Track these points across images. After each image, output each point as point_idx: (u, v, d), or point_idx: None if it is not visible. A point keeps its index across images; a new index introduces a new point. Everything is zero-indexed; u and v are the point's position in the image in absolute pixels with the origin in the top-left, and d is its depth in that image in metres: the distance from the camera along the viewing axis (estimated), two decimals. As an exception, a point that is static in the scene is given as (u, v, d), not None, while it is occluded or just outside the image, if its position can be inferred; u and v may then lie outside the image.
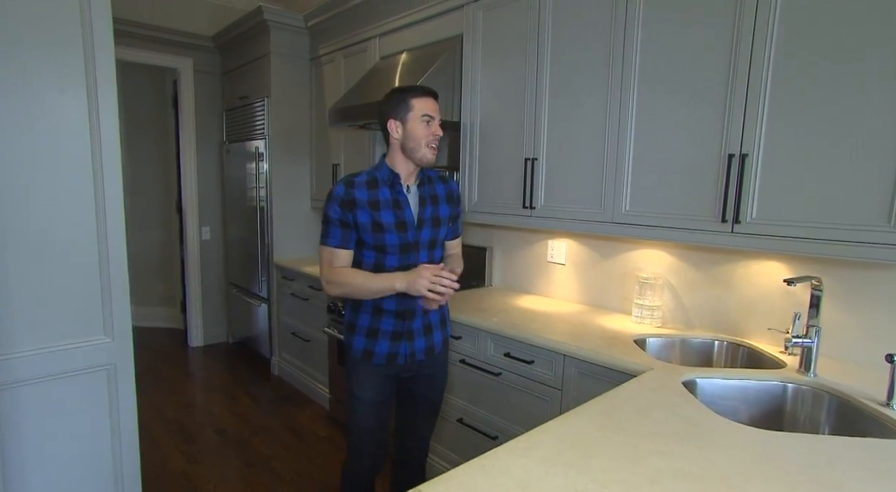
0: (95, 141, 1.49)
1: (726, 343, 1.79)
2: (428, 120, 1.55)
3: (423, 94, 1.56)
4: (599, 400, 1.21)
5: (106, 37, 1.49)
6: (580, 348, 1.67)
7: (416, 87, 1.58)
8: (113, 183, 1.53)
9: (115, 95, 1.53)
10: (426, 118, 1.55)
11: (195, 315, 4.21)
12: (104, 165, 1.51)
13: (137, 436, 1.66)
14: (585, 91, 1.90)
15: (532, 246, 2.51)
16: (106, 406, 1.55)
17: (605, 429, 1.06)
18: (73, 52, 1.44)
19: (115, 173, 1.53)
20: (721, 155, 1.55)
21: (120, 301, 1.56)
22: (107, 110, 1.50)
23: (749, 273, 1.78)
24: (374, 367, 1.63)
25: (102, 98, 1.49)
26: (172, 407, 3.09)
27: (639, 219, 1.79)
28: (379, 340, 1.61)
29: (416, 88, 1.57)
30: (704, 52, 1.57)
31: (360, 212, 1.53)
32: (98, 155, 1.50)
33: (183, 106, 3.94)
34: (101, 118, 1.50)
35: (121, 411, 1.57)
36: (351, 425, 1.69)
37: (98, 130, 1.49)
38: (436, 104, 1.58)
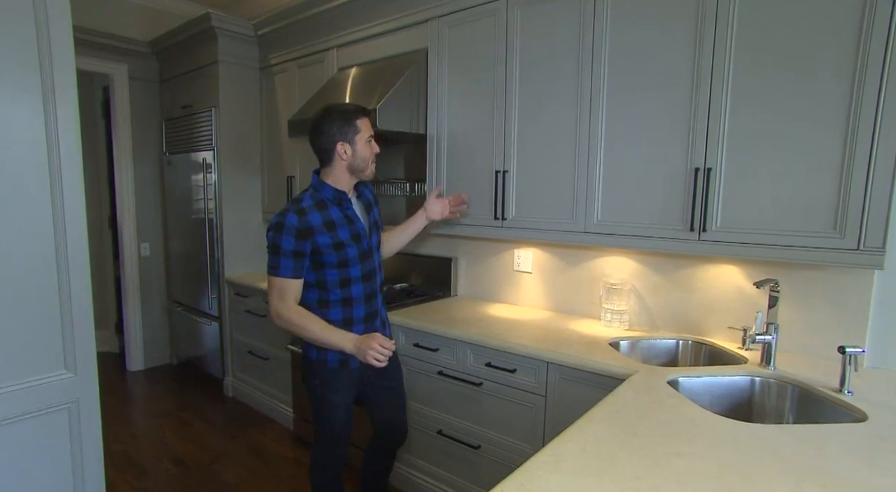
0: (53, 154, 1.38)
1: (690, 342, 1.93)
2: (370, 139, 1.67)
3: (364, 114, 1.66)
4: (602, 406, 1.26)
5: (64, 40, 1.37)
6: (565, 355, 1.74)
7: (357, 108, 1.66)
8: (74, 199, 1.41)
9: (76, 104, 1.41)
10: (369, 138, 1.67)
11: (134, 337, 3.93)
12: (63, 180, 1.40)
13: (103, 477, 1.53)
14: (555, 105, 1.99)
15: (498, 255, 2.57)
16: (67, 447, 1.41)
17: (619, 434, 1.11)
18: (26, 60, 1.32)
19: (76, 188, 1.42)
20: (687, 169, 1.68)
21: (83, 331, 1.44)
22: (66, 121, 1.39)
23: (708, 276, 1.94)
24: (351, 372, 1.71)
25: (61, 108, 1.38)
26: (117, 440, 2.86)
27: (610, 228, 1.89)
28: None
29: (358, 109, 1.65)
30: (668, 71, 1.70)
31: (319, 237, 1.58)
32: (57, 168, 1.38)
33: (117, 115, 3.68)
34: (59, 130, 1.38)
35: (85, 452, 1.44)
36: (325, 431, 1.75)
37: (56, 143, 1.38)
38: (370, 122, 1.70)
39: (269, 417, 3.13)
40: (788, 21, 1.47)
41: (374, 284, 1.76)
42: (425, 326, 2.13)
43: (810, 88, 1.45)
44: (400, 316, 2.24)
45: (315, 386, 1.74)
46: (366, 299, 1.71)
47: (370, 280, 1.74)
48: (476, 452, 2.03)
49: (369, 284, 1.74)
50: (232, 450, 2.74)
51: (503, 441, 1.95)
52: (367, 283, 1.72)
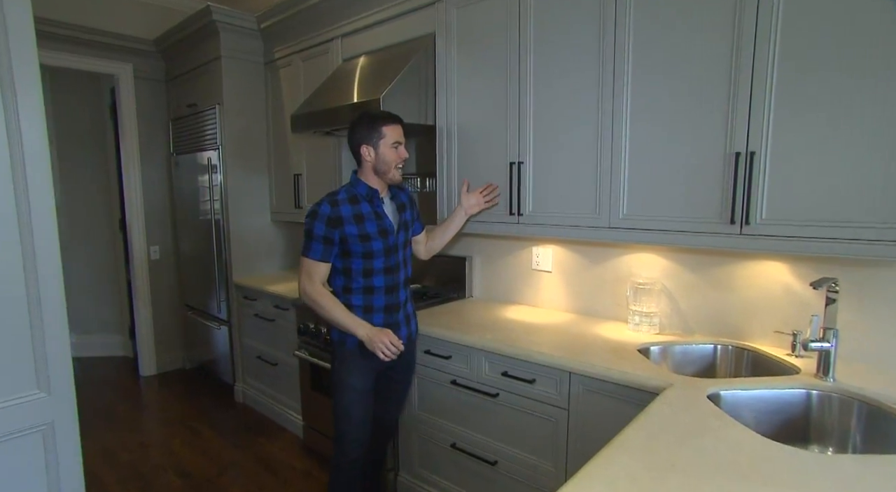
0: (16, 151, 1.24)
1: (731, 348, 1.73)
2: (397, 146, 1.76)
3: (392, 121, 1.77)
4: (634, 430, 1.09)
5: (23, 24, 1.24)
6: (589, 365, 1.56)
7: (386, 114, 1.79)
8: (42, 201, 1.28)
9: (40, 95, 1.28)
10: (396, 144, 1.76)
11: (145, 341, 3.86)
12: (29, 180, 1.26)
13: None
14: (574, 89, 1.80)
15: (515, 254, 2.40)
16: (43, 475, 1.28)
17: (655, 468, 0.94)
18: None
19: (43, 189, 1.28)
20: (726, 153, 1.48)
21: (57, 345, 1.30)
22: (30, 113, 1.26)
23: (749, 275, 1.73)
24: (369, 356, 1.78)
25: (23, 98, 1.25)
26: (126, 449, 2.78)
27: (638, 223, 1.70)
28: None
29: (387, 116, 1.77)
30: (704, 43, 1.50)
31: (347, 226, 1.72)
32: (20, 167, 1.25)
33: (123, 116, 3.61)
34: (21, 124, 1.25)
35: (63, 479, 1.31)
36: (343, 416, 1.81)
37: (19, 138, 1.24)
38: (401, 129, 1.79)
39: (279, 424, 3.01)
40: (846, -22, 1.26)
41: (396, 277, 1.82)
42: (437, 332, 1.98)
43: (867, 53, 1.24)
44: (410, 321, 2.09)
45: (335, 366, 1.85)
46: (386, 290, 1.80)
47: (392, 273, 1.80)
48: (493, 468, 1.87)
49: (391, 277, 1.80)
50: (240, 460, 2.63)
51: (522, 458, 1.78)
52: (388, 275, 1.79)
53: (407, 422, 2.16)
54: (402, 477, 2.23)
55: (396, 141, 1.75)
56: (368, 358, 1.78)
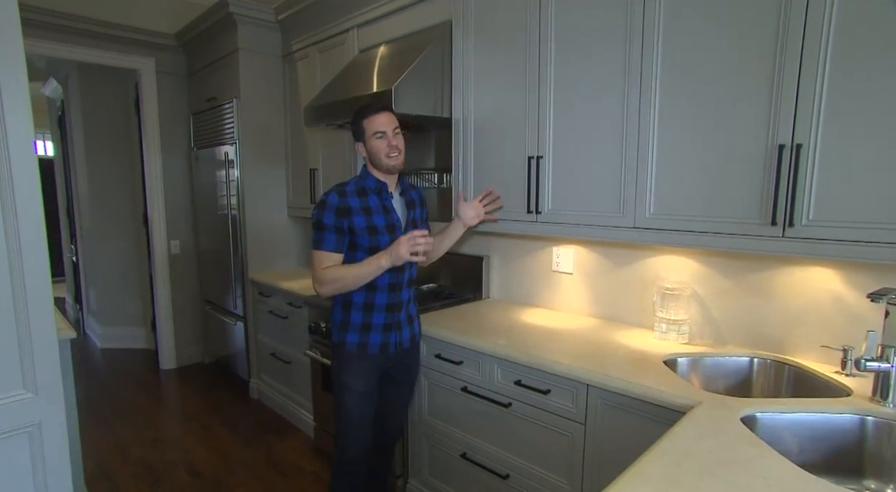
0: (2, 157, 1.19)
1: (770, 362, 1.57)
2: (380, 136, 1.68)
3: (370, 113, 1.69)
4: (655, 456, 0.96)
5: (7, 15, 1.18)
6: (608, 377, 1.43)
7: (365, 107, 1.72)
8: (28, 193, 1.22)
9: (24, 81, 1.22)
10: (378, 135, 1.68)
11: (166, 336, 3.88)
12: (14, 172, 1.20)
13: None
14: (598, 78, 1.66)
15: (534, 254, 2.27)
16: (29, 477, 1.24)
17: (676, 508, 0.81)
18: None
19: (29, 181, 1.23)
20: (768, 146, 1.32)
21: (45, 344, 1.25)
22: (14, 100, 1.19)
23: (792, 282, 1.56)
24: (368, 358, 1.74)
25: (6, 84, 1.18)
26: (139, 443, 2.77)
27: (666, 223, 1.55)
28: (372, 333, 1.74)
29: (365, 109, 1.71)
30: (744, 22, 1.34)
31: (355, 218, 1.67)
32: (4, 158, 1.19)
33: (145, 110, 3.62)
34: (6, 112, 1.19)
35: (49, 481, 1.26)
36: (343, 417, 1.77)
37: (3, 128, 1.19)
38: (387, 116, 1.70)
39: (291, 423, 2.96)
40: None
41: (400, 276, 1.76)
42: (447, 335, 1.87)
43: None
44: (422, 322, 1.99)
45: (335, 368, 1.80)
46: (389, 289, 1.74)
47: (397, 272, 1.74)
48: (505, 482, 1.75)
49: (395, 275, 1.74)
50: (250, 459, 2.59)
51: (535, 472, 1.66)
52: (392, 273, 1.72)
53: (417, 427, 2.06)
54: (411, 484, 2.14)
55: (377, 131, 1.67)
56: (368, 359, 1.74)
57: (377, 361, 1.76)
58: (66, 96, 4.31)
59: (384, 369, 1.80)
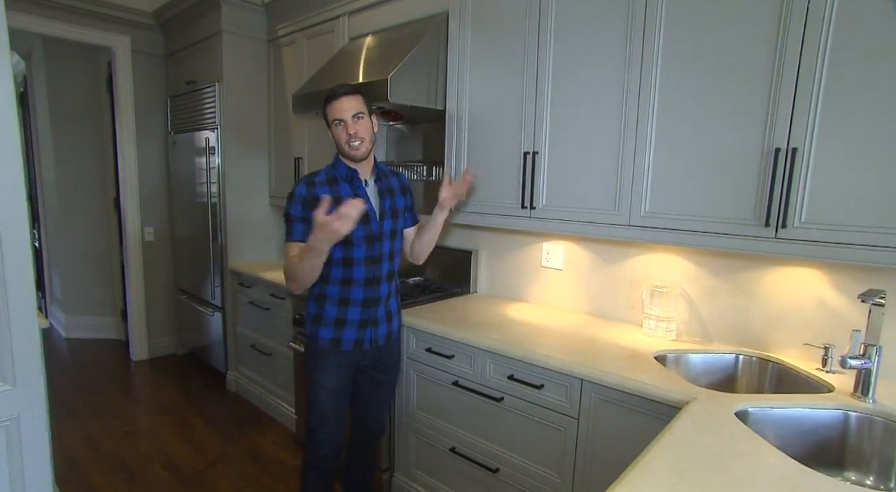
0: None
1: (754, 359, 1.62)
2: (338, 123, 1.61)
3: (330, 99, 1.61)
4: (660, 450, 0.98)
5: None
6: (602, 372, 1.45)
7: (328, 93, 1.62)
8: (8, 175, 1.16)
9: (6, 50, 1.16)
10: (336, 122, 1.61)
11: (137, 326, 3.76)
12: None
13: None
14: (596, 74, 1.67)
15: (524, 249, 2.28)
16: (5, 472, 1.18)
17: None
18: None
19: (10, 160, 1.17)
20: (764, 149, 1.36)
21: (24, 335, 1.19)
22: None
23: (778, 281, 1.61)
24: (342, 354, 1.69)
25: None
26: (111, 437, 2.68)
27: (660, 222, 1.58)
28: (346, 329, 1.68)
29: (327, 95, 1.62)
30: (745, 26, 1.37)
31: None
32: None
33: (119, 91, 3.47)
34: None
35: (27, 478, 1.20)
36: (314, 413, 1.72)
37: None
38: (350, 101, 1.59)
39: (271, 416, 2.92)
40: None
41: (377, 269, 1.69)
42: (439, 330, 1.87)
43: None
44: (411, 316, 1.98)
45: (307, 363, 1.75)
46: (366, 283, 1.68)
47: (374, 265, 1.68)
48: (494, 475, 1.76)
49: (372, 268, 1.68)
50: (229, 453, 2.54)
51: (526, 466, 1.68)
52: (369, 266, 1.67)
53: (404, 421, 2.05)
54: (396, 478, 2.14)
55: (335, 119, 1.60)
56: (341, 355, 1.69)
57: (351, 357, 1.70)
58: (28, 71, 4.09)
59: (359, 366, 1.75)
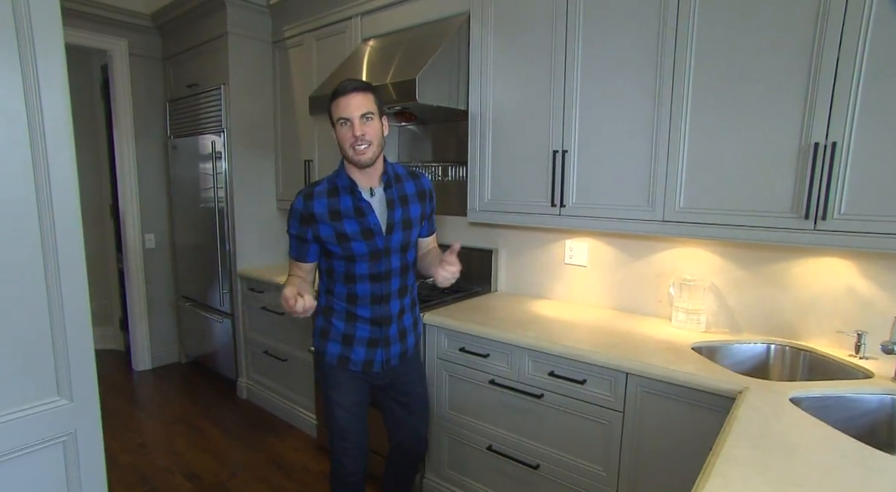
0: (36, 129, 1.09)
1: (787, 348, 1.67)
2: (343, 122, 1.46)
3: (336, 96, 1.46)
4: (734, 440, 1.00)
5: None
6: (648, 365, 1.48)
7: (335, 90, 1.47)
8: (65, 184, 1.13)
9: (63, 64, 1.12)
10: (341, 122, 1.46)
11: (140, 335, 3.68)
12: (50, 162, 1.11)
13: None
14: (628, 70, 1.70)
15: (546, 247, 2.30)
16: (63, 489, 1.15)
17: (782, 487, 0.85)
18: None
19: (66, 172, 1.14)
20: (802, 144, 1.40)
21: (80, 348, 1.17)
22: (52, 83, 1.10)
23: (807, 272, 1.66)
24: (351, 372, 1.61)
25: (44, 67, 1.08)
26: (126, 449, 2.62)
27: (696, 217, 1.61)
28: (355, 347, 1.58)
29: (333, 92, 1.47)
30: (781, 19, 1.40)
31: (320, 226, 1.50)
32: (41, 148, 1.09)
33: (117, 95, 3.39)
34: (42, 97, 1.09)
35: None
36: (336, 432, 1.64)
37: (39, 114, 1.08)
38: (358, 98, 1.44)
39: (289, 423, 2.89)
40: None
41: (386, 286, 1.56)
42: (472, 329, 1.87)
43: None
44: (440, 316, 1.98)
45: (317, 379, 1.72)
46: (373, 300, 1.55)
47: (381, 282, 1.55)
48: (535, 472, 1.78)
49: (379, 285, 1.55)
50: (251, 461, 2.50)
51: (569, 461, 1.69)
52: (375, 283, 1.55)
53: (435, 422, 2.05)
54: (428, 479, 2.14)
55: (341, 118, 1.44)
56: (351, 370, 1.60)
57: (363, 374, 1.61)
58: (18, 78, 3.97)
59: (375, 385, 1.66)
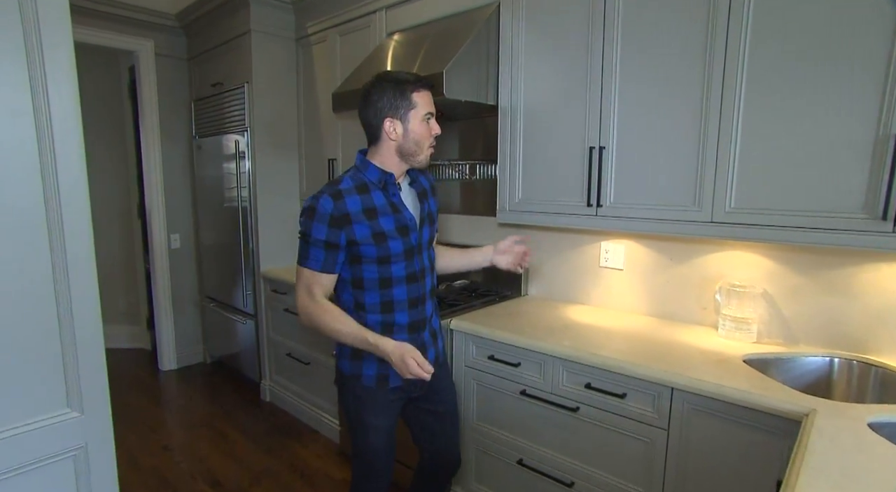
0: (44, 130, 1.03)
1: (854, 363, 1.51)
2: (429, 117, 1.39)
3: (423, 86, 1.37)
4: (810, 476, 0.87)
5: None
6: (697, 381, 1.35)
7: (414, 77, 1.37)
8: (74, 188, 1.08)
9: (72, 60, 1.07)
10: (428, 116, 1.38)
11: (166, 334, 3.68)
12: (59, 164, 1.05)
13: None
14: (673, 63, 1.57)
15: (580, 249, 2.18)
16: (73, 508, 1.09)
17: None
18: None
19: (76, 174, 1.08)
20: (879, 136, 1.24)
21: (91, 358, 1.10)
22: (60, 82, 1.05)
23: (879, 278, 1.50)
24: (390, 391, 1.48)
25: (52, 65, 1.03)
26: (149, 452, 2.60)
27: (748, 218, 1.47)
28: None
29: (416, 80, 1.37)
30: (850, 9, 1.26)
31: (357, 227, 1.35)
32: (49, 150, 1.04)
33: (143, 96, 3.39)
34: (50, 96, 1.04)
35: (99, 512, 1.12)
36: (363, 453, 1.52)
37: (47, 114, 1.03)
38: (432, 98, 1.41)
39: (312, 427, 2.83)
40: None
41: (422, 286, 1.49)
42: (502, 336, 1.77)
43: None
44: (468, 321, 1.88)
45: (348, 404, 1.52)
46: (410, 304, 1.46)
47: (417, 282, 1.47)
48: (569, 490, 1.66)
49: (416, 286, 1.47)
50: (273, 467, 2.45)
51: (606, 480, 1.57)
52: (412, 284, 1.46)
53: (462, 432, 1.95)
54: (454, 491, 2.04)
55: (429, 112, 1.37)
56: (390, 391, 1.47)
57: (401, 391, 1.49)
58: (50, 80, 4.02)
59: (409, 397, 1.55)
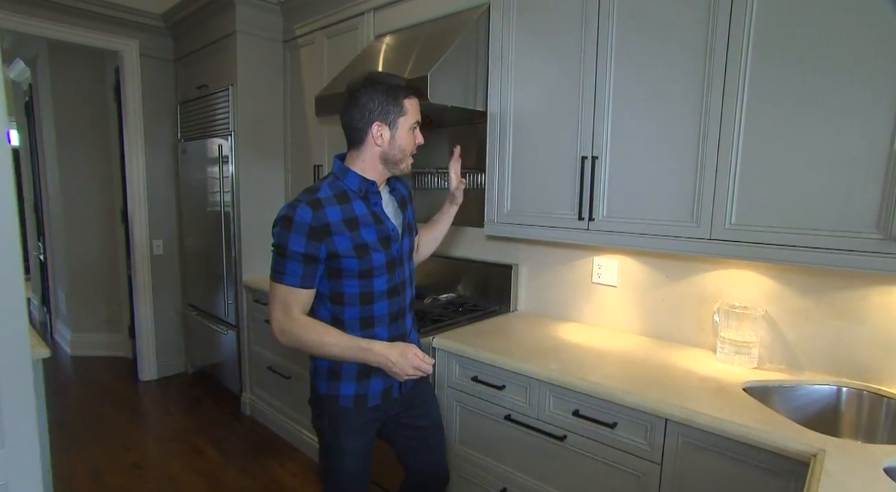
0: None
1: (865, 393, 1.40)
2: (415, 127, 1.36)
3: (414, 93, 1.34)
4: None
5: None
6: (693, 412, 1.23)
7: (406, 83, 1.32)
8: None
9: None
10: (415, 125, 1.35)
11: (146, 344, 3.56)
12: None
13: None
14: (670, 64, 1.47)
15: (572, 264, 2.07)
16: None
17: None
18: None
19: (2, 176, 0.97)
20: (892, 151, 1.14)
21: (16, 386, 0.99)
22: None
23: (890, 302, 1.39)
24: (369, 411, 1.40)
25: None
26: (117, 468, 2.47)
27: (750, 235, 1.37)
28: (371, 380, 1.39)
29: (409, 87, 1.32)
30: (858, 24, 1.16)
31: (337, 238, 1.26)
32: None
33: (127, 98, 3.30)
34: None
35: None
36: (334, 476, 1.42)
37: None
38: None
39: (291, 444, 2.70)
40: None
41: (402, 300, 1.43)
42: (486, 356, 1.65)
43: None
44: (452, 339, 1.77)
45: (323, 426, 1.42)
46: (391, 319, 1.39)
47: (398, 295, 1.40)
48: (555, 525, 1.55)
49: (396, 299, 1.40)
50: (248, 488, 2.32)
51: (594, 517, 1.46)
52: (393, 298, 1.39)
53: (445, 458, 1.84)
54: (435, 520, 1.91)
55: (417, 121, 1.34)
56: (369, 411, 1.40)
57: (379, 410, 1.43)
58: (34, 80, 3.94)
59: (387, 415, 1.48)
